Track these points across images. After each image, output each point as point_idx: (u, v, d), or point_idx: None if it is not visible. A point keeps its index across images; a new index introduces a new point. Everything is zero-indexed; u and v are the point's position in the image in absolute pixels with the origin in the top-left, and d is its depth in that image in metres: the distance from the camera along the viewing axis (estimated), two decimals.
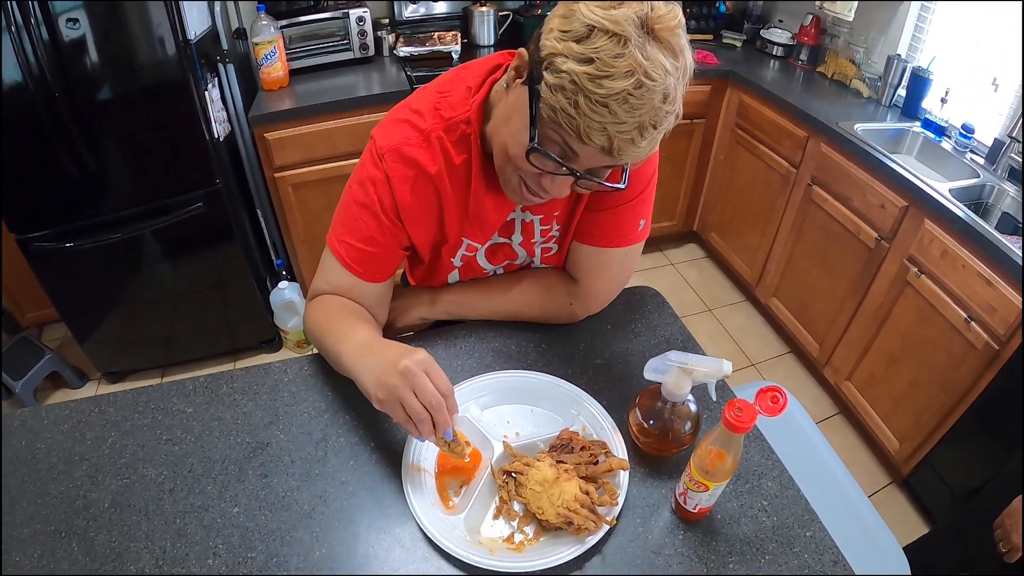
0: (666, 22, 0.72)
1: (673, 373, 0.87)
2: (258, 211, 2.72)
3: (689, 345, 1.17)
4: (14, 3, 1.77)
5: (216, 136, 2.29)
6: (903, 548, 1.29)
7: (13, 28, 1.79)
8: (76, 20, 1.88)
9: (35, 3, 1.81)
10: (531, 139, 0.81)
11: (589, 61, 0.71)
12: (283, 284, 2.71)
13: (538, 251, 1.16)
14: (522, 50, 0.84)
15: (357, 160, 1.04)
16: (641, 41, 0.71)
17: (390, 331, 1.24)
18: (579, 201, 1.07)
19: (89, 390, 2.74)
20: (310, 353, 1.15)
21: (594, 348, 1.16)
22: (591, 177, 0.84)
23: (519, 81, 0.85)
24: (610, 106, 0.72)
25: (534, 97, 0.79)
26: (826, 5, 2.76)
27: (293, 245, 2.80)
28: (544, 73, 0.76)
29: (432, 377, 0.82)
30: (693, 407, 0.92)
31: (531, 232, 1.12)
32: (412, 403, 0.81)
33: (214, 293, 2.61)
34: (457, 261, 1.15)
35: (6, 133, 1.98)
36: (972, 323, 1.87)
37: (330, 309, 1.05)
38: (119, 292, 2.47)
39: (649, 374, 0.90)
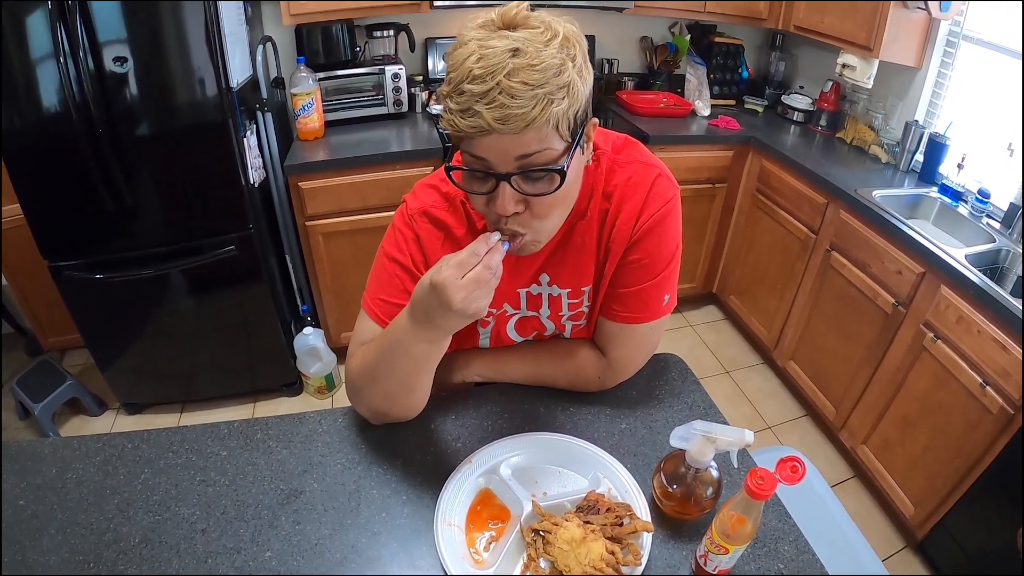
0: (508, 12, 0.80)
1: (697, 441, 0.89)
2: (287, 257, 2.76)
3: (711, 412, 1.19)
4: (64, 33, 1.83)
5: (251, 182, 2.36)
6: None
7: (62, 58, 1.85)
8: (124, 59, 1.95)
9: (84, 35, 1.87)
10: (446, 161, 0.88)
11: (448, 82, 0.81)
12: (308, 330, 2.73)
13: (568, 325, 1.18)
14: None
15: (387, 213, 1.08)
16: (484, 35, 0.79)
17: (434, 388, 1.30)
18: (604, 275, 1.09)
19: (107, 419, 2.77)
20: (330, 398, 1.16)
21: (619, 413, 1.17)
22: (523, 172, 0.83)
23: None
24: (464, 88, 0.77)
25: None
26: (846, 72, 2.83)
27: (319, 292, 2.82)
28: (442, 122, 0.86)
29: (447, 266, 0.84)
30: (715, 473, 0.94)
31: (559, 306, 1.14)
32: (474, 276, 0.83)
33: (238, 334, 2.64)
34: (483, 331, 1.17)
35: (48, 160, 2.05)
36: (987, 388, 1.88)
37: (366, 349, 1.04)
38: (144, 325, 2.52)
39: (675, 441, 0.92)
